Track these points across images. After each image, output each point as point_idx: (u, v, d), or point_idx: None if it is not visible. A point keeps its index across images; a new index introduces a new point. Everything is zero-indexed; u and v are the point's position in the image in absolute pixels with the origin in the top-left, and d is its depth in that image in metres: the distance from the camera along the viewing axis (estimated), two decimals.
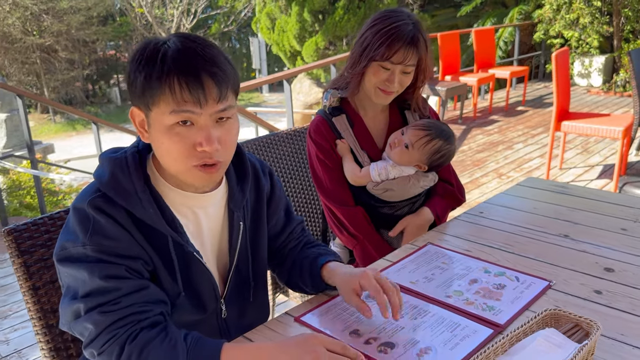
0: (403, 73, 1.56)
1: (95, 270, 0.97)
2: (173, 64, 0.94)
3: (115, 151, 1.08)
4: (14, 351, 2.66)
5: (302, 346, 0.94)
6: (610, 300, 1.19)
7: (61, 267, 1.00)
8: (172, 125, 0.97)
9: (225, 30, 20.19)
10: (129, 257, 1.01)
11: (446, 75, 6.64)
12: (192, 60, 0.95)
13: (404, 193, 1.64)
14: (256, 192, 1.23)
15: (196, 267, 1.11)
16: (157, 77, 0.94)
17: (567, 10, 7.88)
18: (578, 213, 1.67)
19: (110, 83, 20.05)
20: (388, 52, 1.51)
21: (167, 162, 1.02)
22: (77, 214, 1.00)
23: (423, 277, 1.31)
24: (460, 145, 5.67)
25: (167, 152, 0.99)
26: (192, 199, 1.10)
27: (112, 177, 1.01)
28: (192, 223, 1.11)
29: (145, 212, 1.01)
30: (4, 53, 16.01)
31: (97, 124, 6.12)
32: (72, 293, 0.99)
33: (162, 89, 0.94)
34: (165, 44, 0.97)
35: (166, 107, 0.95)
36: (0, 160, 5.16)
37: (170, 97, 0.94)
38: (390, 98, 1.62)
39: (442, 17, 10.59)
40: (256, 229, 1.23)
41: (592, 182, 4.36)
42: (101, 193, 1.01)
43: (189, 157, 0.99)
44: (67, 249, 0.99)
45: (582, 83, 8.60)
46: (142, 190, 1.01)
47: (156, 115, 0.97)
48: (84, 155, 12.29)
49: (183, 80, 0.94)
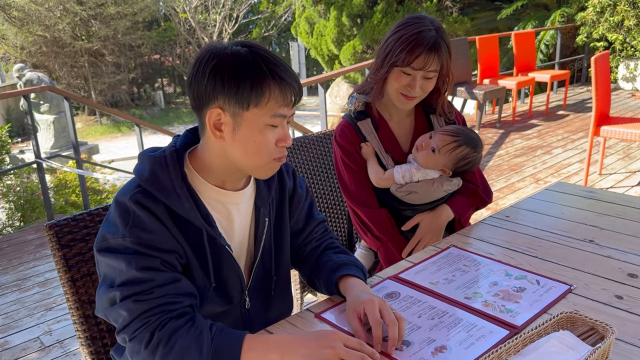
0: (425, 78, 1.58)
1: (132, 261, 1.04)
2: (277, 70, 1.06)
3: (154, 150, 1.14)
4: (57, 342, 2.79)
5: (321, 341, 0.99)
6: (631, 306, 1.18)
7: (100, 256, 1.07)
8: (266, 126, 1.08)
9: (265, 34, 20.46)
10: (164, 251, 1.07)
11: (484, 79, 6.57)
12: (289, 70, 1.08)
13: (427, 196, 1.66)
14: (280, 191, 1.29)
15: (226, 259, 1.17)
16: (265, 75, 1.04)
17: (612, 12, 7.68)
18: (605, 218, 1.66)
19: (155, 86, 20.58)
20: (409, 58, 1.53)
21: (247, 156, 1.10)
22: (119, 207, 1.07)
23: (443, 279, 1.33)
24: (497, 149, 5.60)
25: (257, 149, 1.09)
26: (227, 195, 1.17)
27: (151, 173, 1.08)
28: (225, 218, 1.18)
29: (182, 206, 1.08)
30: (54, 57, 16.67)
31: (139, 126, 6.32)
32: (109, 282, 1.06)
33: (270, 88, 1.05)
34: (254, 50, 1.06)
35: (269, 109, 1.06)
36: (48, 160, 5.39)
37: (274, 100, 1.06)
38: (412, 103, 1.64)
39: (482, 20, 10.45)
40: (279, 225, 1.29)
41: (632, 188, 4.24)
42: (142, 188, 1.08)
43: (273, 152, 1.11)
44: (107, 239, 1.06)
45: (626, 87, 8.35)
46: (180, 186, 1.08)
47: (253, 115, 1.06)
48: (127, 156, 12.67)
49: (289, 84, 1.06)
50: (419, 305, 1.22)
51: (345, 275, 1.23)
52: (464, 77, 6.21)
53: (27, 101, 4.83)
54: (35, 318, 3.07)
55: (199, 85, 1.06)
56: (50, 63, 16.80)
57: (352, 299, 1.17)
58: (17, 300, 3.32)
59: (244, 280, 1.23)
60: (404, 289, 1.30)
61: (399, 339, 1.07)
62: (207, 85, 1.05)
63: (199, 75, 1.05)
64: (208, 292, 1.16)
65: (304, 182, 1.39)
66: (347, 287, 1.21)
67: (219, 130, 1.08)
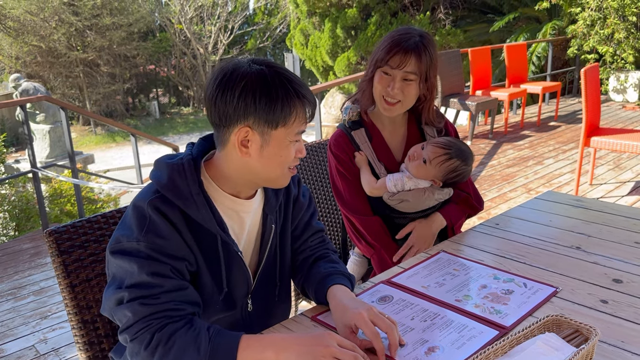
0: (404, 80, 1.62)
1: (144, 265, 1.07)
2: (301, 90, 1.12)
3: (172, 157, 1.18)
4: (52, 349, 2.80)
5: (316, 340, 1.03)
6: (615, 310, 1.22)
7: (112, 258, 1.11)
8: (290, 142, 1.15)
9: (260, 46, 20.59)
10: (176, 258, 1.11)
11: (477, 90, 6.65)
12: (307, 87, 1.15)
13: (418, 204, 1.70)
14: (286, 198, 1.34)
15: (237, 265, 1.22)
16: (291, 97, 1.11)
17: (602, 25, 7.80)
18: (592, 226, 1.70)
19: (150, 97, 20.62)
20: (387, 56, 1.60)
21: (270, 169, 1.17)
22: (136, 211, 1.11)
23: (435, 282, 1.37)
24: (490, 159, 5.66)
25: (280, 162, 1.16)
26: (240, 204, 1.21)
27: (170, 180, 1.12)
28: (237, 225, 1.22)
29: (198, 212, 1.12)
30: (49, 67, 16.70)
31: (135, 136, 6.34)
32: (117, 282, 1.10)
33: (296, 108, 1.12)
34: (276, 70, 1.12)
35: (295, 127, 1.14)
36: (43, 169, 5.41)
37: (300, 118, 1.14)
38: (394, 110, 1.67)
39: (475, 32, 10.58)
40: (284, 232, 1.34)
41: (622, 198, 4.30)
42: (160, 194, 1.12)
43: (290, 163, 1.19)
44: (121, 242, 1.10)
45: (617, 99, 8.46)
46: (197, 193, 1.13)
47: (280, 133, 1.12)
48: (122, 166, 12.67)
49: (308, 105, 1.14)
50: (412, 308, 1.26)
51: (332, 285, 1.25)
52: (457, 88, 6.28)
53: (24, 111, 4.85)
54: (30, 326, 3.08)
55: (227, 105, 1.09)
56: (45, 73, 16.83)
57: (339, 309, 1.17)
58: (12, 309, 3.33)
59: (251, 285, 1.27)
60: (397, 292, 1.33)
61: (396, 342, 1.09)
62: (237, 105, 1.08)
63: (226, 96, 1.08)
64: (219, 297, 1.20)
65: (308, 191, 1.43)
66: (330, 294, 1.23)
67: (245, 147, 1.13)
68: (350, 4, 10.33)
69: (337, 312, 1.17)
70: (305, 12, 10.84)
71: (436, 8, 10.74)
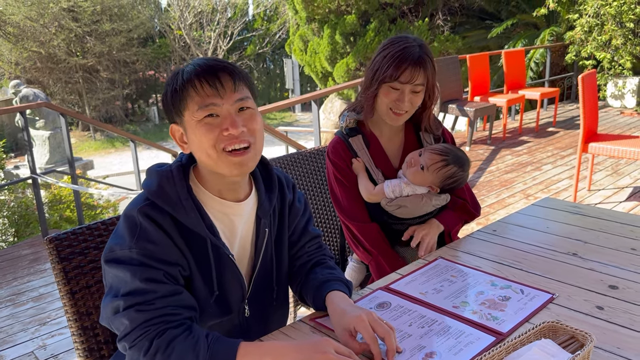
0: (412, 92, 1.64)
1: (137, 272, 1.09)
2: (192, 70, 1.13)
3: (161, 165, 1.22)
4: (51, 356, 2.80)
5: (314, 346, 1.03)
6: (611, 316, 1.23)
7: (107, 267, 1.12)
8: (202, 119, 1.12)
9: (260, 51, 20.64)
10: (168, 263, 1.12)
11: (475, 96, 6.67)
12: (207, 62, 1.14)
13: (416, 210, 1.71)
14: (281, 203, 1.35)
15: (229, 268, 1.22)
16: (182, 84, 1.12)
17: (599, 32, 7.84)
18: (589, 233, 1.71)
19: (149, 102, 20.64)
20: (396, 73, 1.61)
21: (202, 156, 1.15)
22: (127, 220, 1.13)
23: (432, 289, 1.38)
24: (488, 165, 5.68)
25: (200, 144, 1.13)
26: (229, 207, 1.22)
27: (159, 187, 1.15)
28: (228, 229, 1.23)
29: (187, 217, 1.14)
30: (48, 73, 16.72)
31: (134, 141, 6.36)
32: (114, 291, 1.11)
33: (188, 91, 1.12)
34: (191, 63, 1.16)
35: (194, 106, 1.12)
36: (43, 175, 5.42)
37: (196, 95, 1.11)
38: (402, 119, 1.70)
39: (473, 38, 10.63)
40: (280, 237, 1.35)
41: (620, 204, 4.32)
42: (150, 201, 1.14)
43: (218, 142, 1.12)
44: (114, 251, 1.11)
45: (615, 104, 8.49)
46: (185, 198, 1.15)
47: (188, 117, 1.13)
48: (122, 171, 12.67)
49: (202, 78, 1.11)
50: (410, 314, 1.26)
51: (330, 291, 1.26)
52: (455, 94, 6.31)
53: (24, 117, 4.86)
54: (29, 333, 3.08)
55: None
56: (45, 79, 16.85)
57: (338, 314, 1.18)
58: (11, 315, 3.33)
59: (245, 288, 1.28)
60: (395, 299, 1.34)
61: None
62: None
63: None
64: (210, 300, 1.21)
65: (304, 197, 1.44)
66: (329, 300, 1.24)
67: (184, 142, 1.19)
68: (349, 10, 10.38)
69: (336, 317, 1.18)
70: (304, 18, 10.88)
71: (435, 14, 10.79)
